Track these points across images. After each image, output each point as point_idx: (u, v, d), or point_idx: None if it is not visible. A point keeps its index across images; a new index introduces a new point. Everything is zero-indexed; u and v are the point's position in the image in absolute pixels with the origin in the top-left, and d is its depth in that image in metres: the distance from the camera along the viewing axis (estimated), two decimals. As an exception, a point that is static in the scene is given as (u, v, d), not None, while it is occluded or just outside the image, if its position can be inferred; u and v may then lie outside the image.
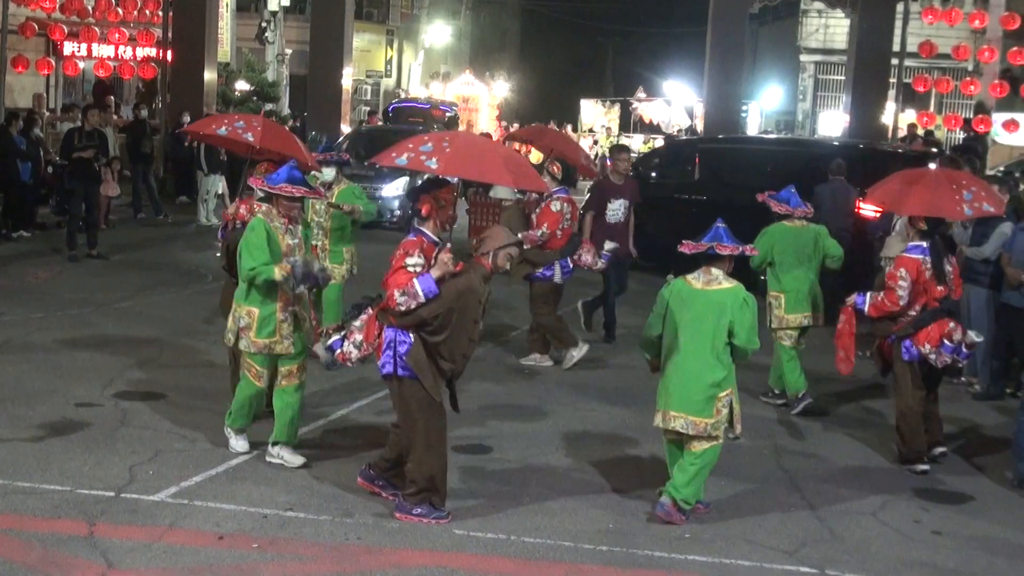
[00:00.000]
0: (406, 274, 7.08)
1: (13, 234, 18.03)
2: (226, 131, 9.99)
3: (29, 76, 27.64)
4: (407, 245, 7.24)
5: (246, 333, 8.11)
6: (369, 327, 7.33)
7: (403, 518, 7.36)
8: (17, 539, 6.78)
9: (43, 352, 11.14)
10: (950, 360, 9.00)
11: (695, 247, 7.65)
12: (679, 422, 7.58)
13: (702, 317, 7.56)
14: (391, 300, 7.08)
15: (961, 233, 11.70)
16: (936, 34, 30.66)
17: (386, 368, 7.27)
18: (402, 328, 7.17)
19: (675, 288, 7.75)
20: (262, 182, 8.23)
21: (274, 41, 40.00)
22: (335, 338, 7.50)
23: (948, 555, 7.40)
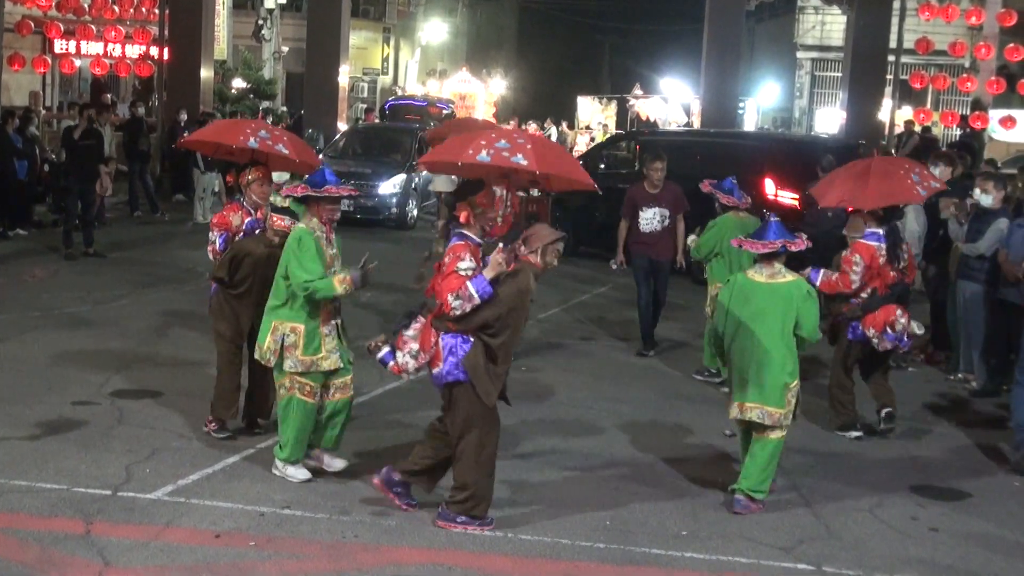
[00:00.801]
0: (458, 278, 6.97)
1: (9, 232, 18.03)
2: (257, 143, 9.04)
3: (25, 74, 27.65)
4: (456, 249, 7.11)
5: (292, 352, 7.73)
6: (424, 335, 7.16)
7: (446, 526, 7.24)
8: (14, 538, 6.77)
9: (40, 350, 11.13)
10: (891, 346, 9.64)
11: (767, 246, 7.82)
12: (755, 412, 7.82)
13: (769, 309, 7.80)
14: (446, 305, 6.96)
15: (956, 229, 11.70)
16: (933, 31, 30.70)
17: (449, 376, 7.11)
18: (462, 333, 7.07)
19: (737, 283, 8.00)
20: (304, 188, 7.79)
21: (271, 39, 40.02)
22: (385, 350, 7.25)
23: (945, 552, 7.40)
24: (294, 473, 7.89)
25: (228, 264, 8.67)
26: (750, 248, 7.97)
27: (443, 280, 7.01)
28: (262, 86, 36.47)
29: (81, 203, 16.93)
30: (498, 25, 63.18)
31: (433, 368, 7.16)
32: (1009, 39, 28.80)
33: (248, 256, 8.65)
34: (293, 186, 8.02)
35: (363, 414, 9.60)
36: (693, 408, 10.47)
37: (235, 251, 8.69)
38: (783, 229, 7.95)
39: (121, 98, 32.41)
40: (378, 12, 49.63)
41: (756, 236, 7.97)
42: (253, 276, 8.65)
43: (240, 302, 8.74)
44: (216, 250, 8.82)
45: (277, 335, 7.75)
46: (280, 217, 8.62)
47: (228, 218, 8.87)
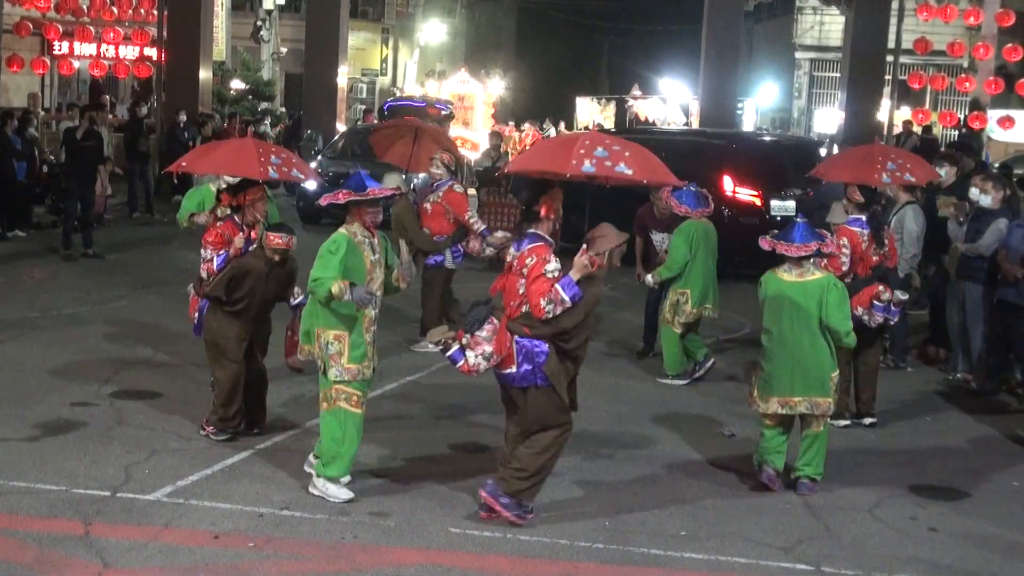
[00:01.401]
0: (546, 281, 6.98)
1: (8, 233, 18.03)
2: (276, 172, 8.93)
3: (24, 75, 27.65)
4: (539, 251, 7.10)
5: (337, 360, 7.51)
6: (500, 338, 7.14)
7: (489, 500, 7.29)
8: (13, 539, 6.77)
9: (39, 351, 11.13)
10: (882, 319, 9.75)
11: (801, 250, 8.07)
12: (803, 405, 8.15)
13: (805, 306, 8.09)
14: (538, 309, 6.95)
15: (956, 229, 11.70)
16: (931, 31, 30.71)
17: (525, 381, 7.14)
18: (538, 338, 7.09)
19: (770, 283, 8.26)
20: (348, 194, 7.55)
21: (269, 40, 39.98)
22: (455, 348, 7.21)
23: (944, 552, 7.40)
24: (337, 493, 7.61)
25: (227, 283, 8.57)
26: (784, 251, 8.14)
27: (532, 284, 7.00)
28: (261, 87, 36.44)
29: (80, 204, 16.94)
30: (497, 26, 63.15)
31: (504, 369, 7.20)
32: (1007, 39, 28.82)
33: (248, 275, 8.60)
34: (334, 193, 7.67)
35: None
36: (692, 409, 10.47)
37: (235, 271, 8.59)
38: (811, 230, 8.22)
39: (120, 99, 32.41)
40: (377, 13, 49.62)
41: (783, 238, 8.17)
42: (252, 294, 8.63)
43: (238, 318, 8.69)
44: (212, 268, 8.68)
45: (321, 343, 7.55)
46: (277, 235, 8.58)
47: (223, 236, 8.74)
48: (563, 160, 7.40)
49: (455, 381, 10.81)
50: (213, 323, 8.75)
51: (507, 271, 7.28)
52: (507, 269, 7.29)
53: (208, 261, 8.70)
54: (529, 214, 7.35)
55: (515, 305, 7.14)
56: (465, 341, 7.18)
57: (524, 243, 7.23)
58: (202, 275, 8.75)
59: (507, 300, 7.22)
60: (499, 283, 7.36)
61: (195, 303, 9.01)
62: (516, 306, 7.14)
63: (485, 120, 34.98)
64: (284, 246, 8.59)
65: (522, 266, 7.12)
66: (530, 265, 7.05)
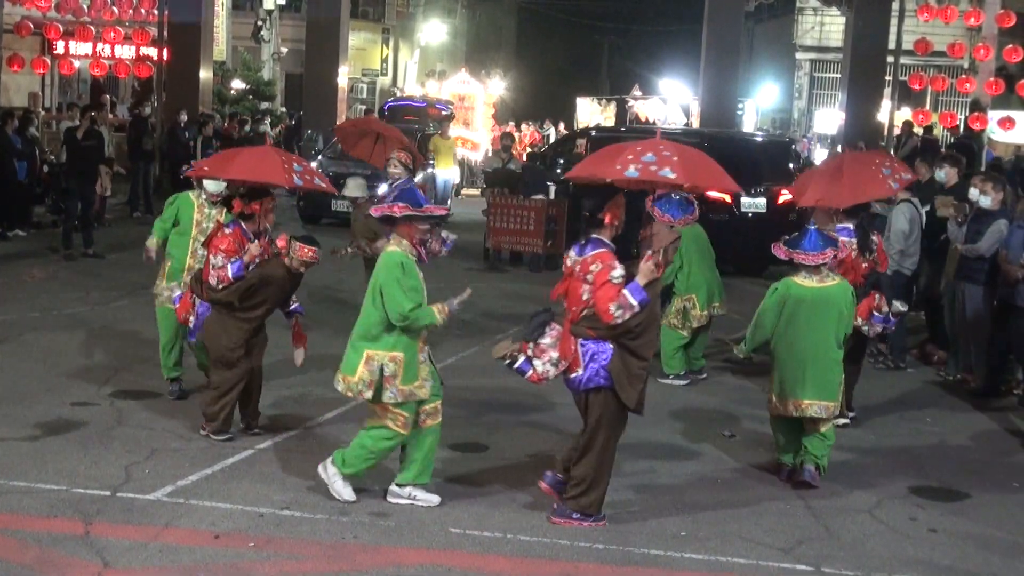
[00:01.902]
0: (613, 286, 7.05)
1: (9, 233, 18.04)
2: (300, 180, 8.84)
3: (24, 75, 27.66)
4: (604, 257, 7.15)
5: (391, 382, 7.36)
6: (564, 343, 7.18)
7: (562, 523, 7.36)
8: (13, 539, 6.78)
9: (39, 351, 11.13)
10: (881, 329, 9.80)
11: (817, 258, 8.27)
12: (814, 408, 8.31)
13: (824, 311, 8.31)
14: (608, 315, 7.01)
15: (956, 230, 11.71)
16: (932, 32, 30.70)
17: (591, 383, 7.20)
18: (602, 339, 7.15)
19: (788, 290, 8.40)
20: (405, 208, 7.35)
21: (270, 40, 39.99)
22: (521, 360, 7.21)
23: (944, 552, 7.40)
24: (341, 491, 7.55)
25: (244, 290, 8.56)
26: (801, 260, 8.33)
27: (599, 290, 7.05)
28: (261, 87, 36.46)
29: (81, 204, 16.94)
30: (497, 26, 63.18)
31: (570, 373, 7.23)
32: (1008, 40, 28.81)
33: (269, 285, 8.62)
34: (388, 205, 7.45)
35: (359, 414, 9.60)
36: (692, 410, 10.48)
37: (257, 280, 8.58)
38: (824, 236, 8.43)
39: (120, 99, 32.41)
40: (377, 13, 49.63)
41: (794, 246, 8.36)
42: (266, 302, 8.70)
43: (244, 323, 8.67)
44: (227, 276, 8.53)
45: (373, 365, 7.35)
46: (311, 248, 8.55)
47: (234, 244, 8.61)
48: (609, 166, 7.45)
49: (455, 382, 10.82)
50: (216, 328, 8.68)
51: (568, 276, 7.34)
52: (568, 274, 7.35)
53: (221, 268, 8.54)
54: (593, 221, 7.36)
55: (578, 309, 7.23)
56: (530, 351, 7.23)
57: (587, 249, 7.28)
58: (210, 281, 8.59)
59: (569, 304, 7.29)
60: (561, 288, 7.40)
61: (187, 303, 8.89)
62: (579, 310, 7.22)
63: (485, 120, 34.98)
64: (314, 260, 8.63)
65: (586, 272, 7.19)
66: (595, 271, 7.13)
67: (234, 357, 8.68)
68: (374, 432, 7.52)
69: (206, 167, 9.00)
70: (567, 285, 7.33)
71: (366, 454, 7.54)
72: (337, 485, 7.57)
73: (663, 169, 7.30)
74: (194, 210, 9.82)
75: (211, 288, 8.62)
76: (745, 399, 10.04)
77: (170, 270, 9.85)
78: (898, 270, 12.03)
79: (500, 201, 18.39)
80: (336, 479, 7.58)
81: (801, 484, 8.32)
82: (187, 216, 9.82)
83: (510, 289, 16.05)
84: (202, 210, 9.82)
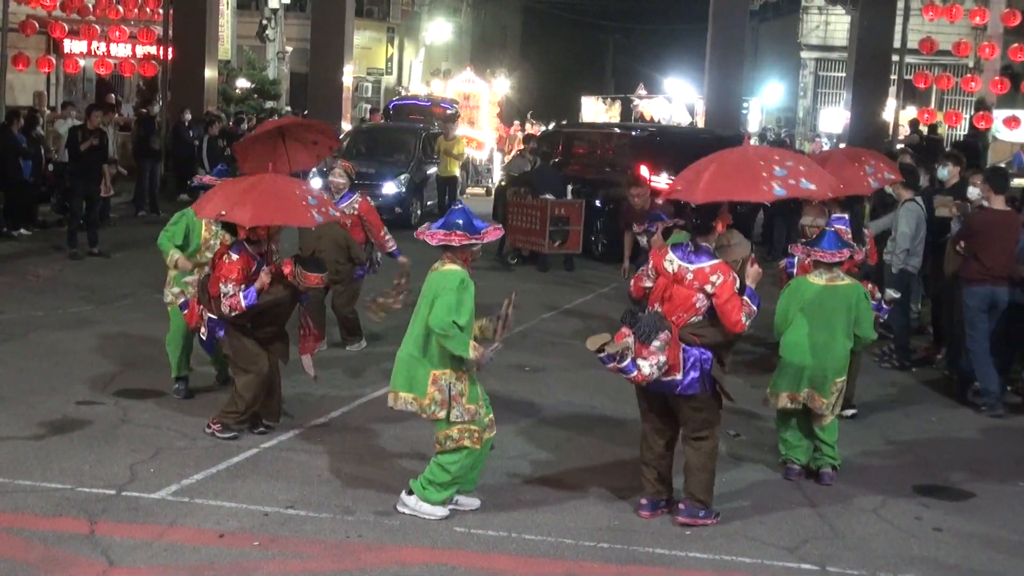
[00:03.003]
0: (738, 298, 7.26)
1: (14, 232, 18.06)
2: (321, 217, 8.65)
3: (30, 74, 27.65)
4: (723, 269, 7.32)
5: (459, 400, 7.26)
6: (674, 348, 7.26)
7: (690, 522, 7.46)
8: (18, 537, 6.78)
9: (44, 350, 11.15)
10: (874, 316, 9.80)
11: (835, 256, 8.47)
12: (805, 398, 8.48)
13: (834, 309, 8.50)
14: (740, 325, 7.25)
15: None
16: (937, 31, 30.63)
17: (692, 388, 7.32)
18: (706, 346, 7.31)
19: (801, 287, 8.65)
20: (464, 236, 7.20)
21: (275, 39, 40.03)
22: (627, 360, 7.23)
23: (949, 551, 7.40)
24: (431, 511, 7.40)
25: (255, 315, 8.60)
26: (820, 258, 8.52)
27: (727, 303, 7.22)
28: (266, 86, 36.48)
29: (86, 203, 16.96)
30: (502, 25, 63.19)
31: (667, 377, 7.30)
32: (1013, 39, 28.71)
33: (278, 305, 8.70)
34: (447, 234, 7.24)
35: (363, 414, 9.61)
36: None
37: (268, 305, 8.60)
38: (840, 238, 8.68)
39: (125, 98, 32.42)
40: (382, 12, 49.64)
41: (816, 246, 8.56)
42: (277, 319, 8.81)
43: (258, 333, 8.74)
44: (239, 306, 8.43)
45: (441, 384, 7.24)
46: (317, 276, 8.56)
47: (242, 272, 8.49)
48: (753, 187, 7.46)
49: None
50: (234, 341, 8.69)
51: (672, 280, 7.41)
52: (673, 279, 7.40)
53: (232, 296, 8.42)
54: (704, 228, 7.44)
55: (687, 316, 7.34)
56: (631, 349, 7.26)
57: (698, 258, 7.38)
58: (223, 309, 8.46)
59: (674, 310, 7.37)
60: (658, 291, 7.46)
61: (194, 312, 8.82)
62: (687, 317, 7.34)
63: (491, 119, 34.99)
64: (321, 285, 8.84)
65: (704, 282, 7.29)
66: (717, 283, 7.27)
67: (253, 362, 8.63)
68: (454, 458, 7.33)
69: (223, 210, 8.46)
70: (670, 291, 7.40)
71: (450, 479, 7.35)
72: (424, 507, 7.39)
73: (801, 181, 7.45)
74: (202, 228, 9.79)
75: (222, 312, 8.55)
76: (750, 399, 10.02)
77: (176, 275, 9.84)
78: (904, 268, 12.03)
79: (517, 200, 18.69)
80: (422, 505, 7.39)
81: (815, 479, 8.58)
82: (196, 234, 9.79)
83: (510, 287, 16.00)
84: (209, 228, 9.78)
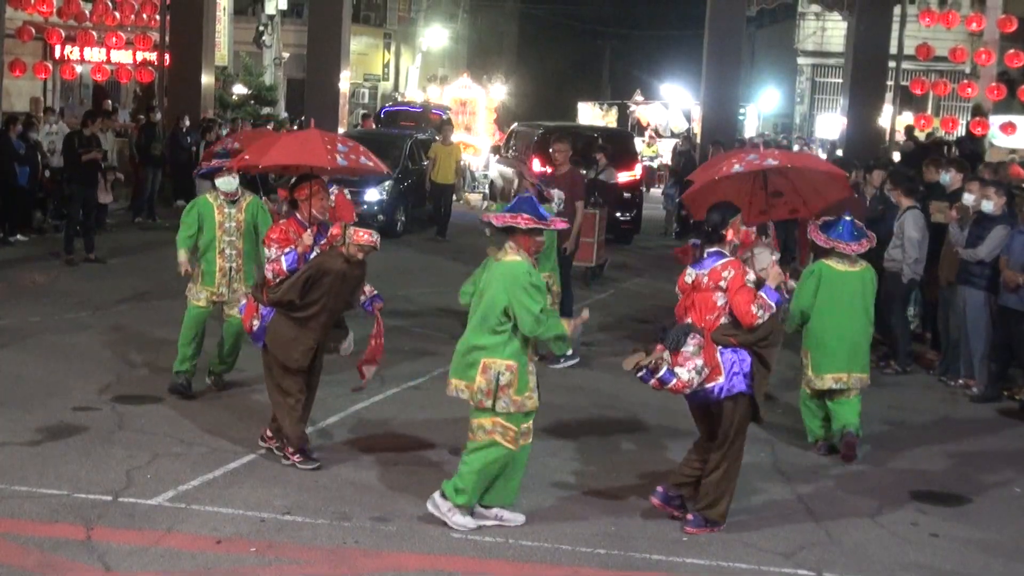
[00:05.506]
0: (749, 290, 7.32)
1: (10, 238, 18.03)
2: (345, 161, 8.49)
3: (26, 80, 27.65)
4: (735, 264, 7.40)
5: (506, 391, 7.16)
6: (708, 350, 7.29)
7: (698, 532, 7.45)
8: (14, 543, 6.77)
9: (40, 356, 11.13)
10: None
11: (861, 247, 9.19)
12: (852, 380, 9.26)
13: (855, 293, 9.28)
14: (750, 316, 7.24)
15: (957, 235, 11.70)
16: (933, 37, 30.68)
17: (733, 390, 7.34)
18: (742, 347, 7.34)
19: (822, 272, 9.30)
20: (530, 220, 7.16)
21: (271, 45, 40.04)
22: (664, 370, 7.22)
23: (945, 557, 7.40)
24: (462, 521, 7.32)
25: (303, 284, 8.07)
26: (843, 249, 9.20)
27: (736, 294, 7.27)
28: (263, 92, 36.47)
29: (83, 209, 16.95)
30: (498, 31, 63.22)
31: (709, 383, 7.33)
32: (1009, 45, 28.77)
33: (327, 275, 8.10)
34: (513, 216, 7.22)
35: (360, 420, 9.61)
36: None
37: (313, 271, 8.08)
38: (858, 227, 9.31)
39: (122, 104, 32.42)
40: (379, 18, 49.69)
41: (836, 236, 9.20)
42: (327, 296, 8.14)
43: (306, 325, 8.19)
44: (281, 269, 8.14)
45: (490, 374, 7.17)
46: (366, 232, 8.16)
47: (289, 234, 8.27)
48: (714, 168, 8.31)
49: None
50: (282, 329, 8.22)
51: (691, 291, 7.48)
52: (692, 288, 7.48)
53: (274, 260, 8.15)
54: (714, 236, 7.51)
55: (713, 318, 7.38)
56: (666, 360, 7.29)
57: (709, 261, 7.44)
58: (267, 275, 8.22)
59: (703, 315, 7.41)
60: (684, 303, 7.53)
61: (251, 310, 8.45)
62: (715, 319, 7.37)
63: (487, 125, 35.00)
64: (371, 243, 8.13)
65: (717, 280, 7.37)
66: (729, 278, 7.34)
67: (293, 362, 8.23)
68: (482, 454, 7.28)
69: (247, 156, 8.53)
70: (691, 300, 7.47)
71: (480, 480, 7.29)
72: (456, 518, 7.32)
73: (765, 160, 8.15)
74: (214, 212, 9.95)
75: (271, 290, 8.21)
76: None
77: (203, 274, 10.02)
78: (912, 277, 12.08)
79: None
80: (453, 513, 7.32)
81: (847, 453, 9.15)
82: (209, 220, 9.96)
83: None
84: (222, 211, 9.97)
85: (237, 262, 10.02)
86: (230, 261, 9.95)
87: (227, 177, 9.92)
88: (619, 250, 20.44)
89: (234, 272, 10.02)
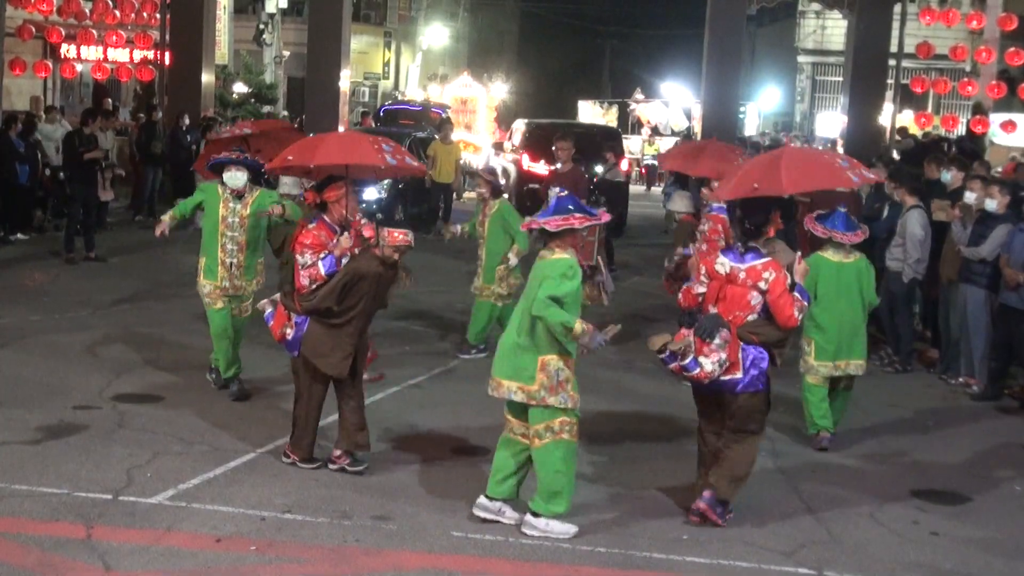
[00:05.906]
0: (790, 294, 7.42)
1: (11, 237, 18.04)
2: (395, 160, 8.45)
3: (26, 79, 27.62)
4: (775, 266, 7.49)
5: (565, 387, 7.17)
6: (733, 345, 7.36)
7: (708, 511, 7.54)
8: (15, 542, 6.78)
9: (40, 355, 11.13)
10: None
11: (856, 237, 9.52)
12: (852, 367, 9.56)
13: (851, 283, 9.51)
14: (793, 320, 7.40)
15: (960, 233, 11.70)
16: (933, 35, 30.68)
17: (750, 386, 7.42)
18: (763, 345, 7.42)
19: (820, 263, 9.42)
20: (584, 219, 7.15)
21: (272, 43, 40.02)
22: (690, 358, 7.28)
23: (946, 556, 7.40)
24: (563, 529, 7.24)
25: (340, 290, 7.90)
26: (839, 238, 9.48)
27: (780, 298, 7.38)
28: (263, 90, 36.48)
29: (83, 208, 16.95)
30: (499, 30, 63.18)
31: (727, 376, 7.40)
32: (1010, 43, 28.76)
33: (364, 280, 7.95)
34: (565, 218, 7.15)
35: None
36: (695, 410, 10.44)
37: (349, 276, 7.91)
38: (851, 220, 9.59)
39: (122, 103, 32.41)
40: (379, 17, 49.67)
41: (832, 226, 9.47)
42: (364, 300, 7.99)
43: (341, 331, 8.01)
44: (319, 275, 7.95)
45: (550, 370, 7.16)
46: (401, 232, 8.08)
47: (321, 238, 8.05)
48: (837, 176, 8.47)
49: (455, 386, 10.84)
50: (320, 337, 8.01)
51: (724, 282, 7.52)
52: (726, 279, 7.52)
53: (311, 266, 7.94)
54: (757, 233, 7.59)
55: (743, 315, 7.46)
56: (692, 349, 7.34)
57: (749, 257, 7.51)
58: (303, 281, 7.97)
59: (730, 309, 7.48)
60: (712, 294, 7.57)
61: (282, 319, 8.18)
62: (744, 316, 7.45)
63: (488, 124, 35.00)
64: (407, 243, 8.03)
65: (757, 280, 7.45)
66: (770, 280, 7.43)
67: (328, 369, 8.03)
68: (557, 455, 7.22)
69: (289, 155, 8.34)
70: (724, 292, 7.50)
71: (561, 480, 7.23)
72: (555, 527, 7.25)
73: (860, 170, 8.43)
74: (219, 205, 9.89)
75: (305, 298, 7.98)
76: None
77: (205, 267, 9.99)
78: (915, 277, 12.08)
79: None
80: (550, 524, 7.25)
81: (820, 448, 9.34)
82: (212, 208, 9.91)
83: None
84: (227, 205, 9.90)
85: (238, 257, 9.97)
86: (231, 256, 9.94)
87: (235, 172, 9.78)
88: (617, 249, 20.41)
89: (235, 267, 9.99)
